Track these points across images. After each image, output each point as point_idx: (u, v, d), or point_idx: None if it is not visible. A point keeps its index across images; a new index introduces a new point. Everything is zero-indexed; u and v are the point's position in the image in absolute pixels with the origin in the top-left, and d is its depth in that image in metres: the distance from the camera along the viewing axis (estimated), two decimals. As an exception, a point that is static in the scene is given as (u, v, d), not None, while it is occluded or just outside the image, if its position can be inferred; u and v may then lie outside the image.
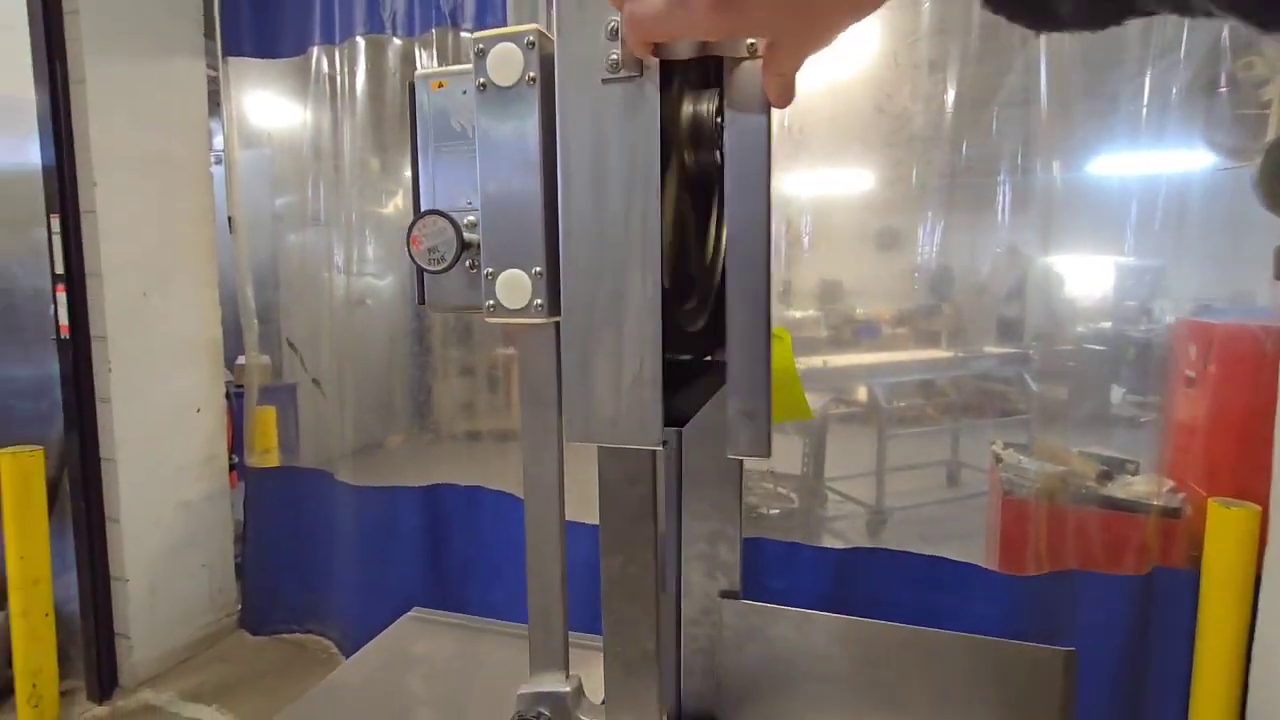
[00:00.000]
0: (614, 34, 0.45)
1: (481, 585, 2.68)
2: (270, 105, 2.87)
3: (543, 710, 0.56)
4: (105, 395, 2.55)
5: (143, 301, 2.62)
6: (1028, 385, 2.23)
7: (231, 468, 3.09)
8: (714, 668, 1.06)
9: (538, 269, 0.51)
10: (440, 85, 0.56)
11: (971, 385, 2.41)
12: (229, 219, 2.88)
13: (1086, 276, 2.14)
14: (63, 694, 2.50)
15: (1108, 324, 2.09)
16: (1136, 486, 2.14)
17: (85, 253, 2.44)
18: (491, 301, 0.52)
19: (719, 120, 0.66)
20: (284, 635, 3.01)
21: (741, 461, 1.01)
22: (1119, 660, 1.94)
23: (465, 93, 0.54)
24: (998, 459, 2.35)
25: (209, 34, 2.79)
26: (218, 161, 2.98)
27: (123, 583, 2.63)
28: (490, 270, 0.52)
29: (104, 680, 2.62)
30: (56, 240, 2.37)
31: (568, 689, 0.57)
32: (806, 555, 2.16)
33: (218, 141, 3.04)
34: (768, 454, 0.49)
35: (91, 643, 2.58)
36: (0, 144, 2.56)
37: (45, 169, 2.37)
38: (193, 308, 2.83)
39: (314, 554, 2.90)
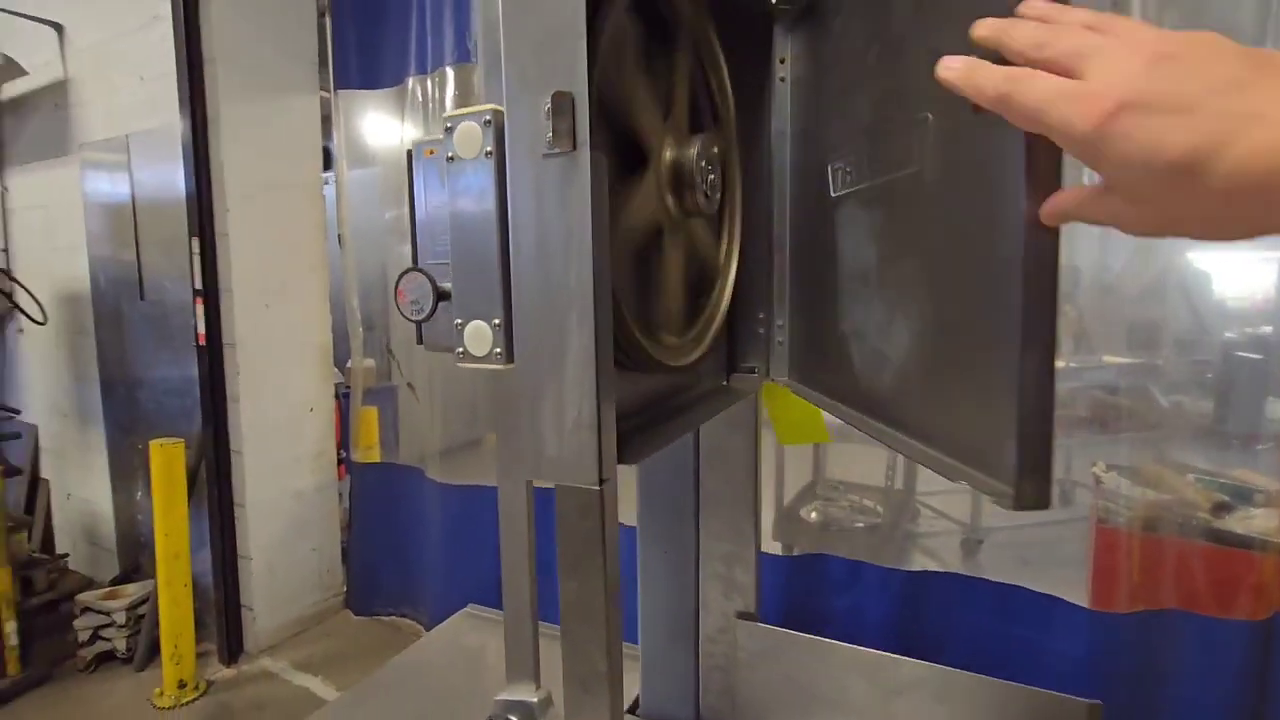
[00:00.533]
0: (547, 114, 0.50)
1: (554, 578, 2.80)
2: (374, 130, 3.14)
3: (511, 717, 0.62)
4: (235, 395, 2.89)
5: (265, 312, 2.94)
6: (1156, 399, 2.02)
7: (339, 461, 3.41)
8: (731, 685, 1.08)
9: (496, 320, 0.56)
10: (431, 152, 0.63)
11: (1092, 397, 2.22)
12: (339, 236, 3.18)
13: (1242, 274, 1.86)
14: (199, 655, 2.86)
15: (1268, 329, 1.82)
16: (1259, 521, 1.91)
17: (219, 270, 2.79)
18: (461, 349, 0.58)
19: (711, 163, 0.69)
20: (382, 617, 3.27)
21: (757, 486, 1.03)
22: (1228, 713, 1.75)
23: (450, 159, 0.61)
24: (1097, 481, 2.17)
25: (322, 70, 3.09)
26: (328, 183, 3.29)
27: (247, 560, 2.98)
28: (459, 321, 0.58)
29: (232, 646, 2.97)
30: (196, 260, 2.71)
31: (535, 699, 0.63)
32: (871, 575, 2.10)
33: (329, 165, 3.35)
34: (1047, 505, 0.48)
35: (222, 612, 2.94)
36: (159, 173, 2.96)
37: (188, 197, 2.73)
38: (307, 316, 3.15)
39: (407, 544, 3.15)
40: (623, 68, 0.65)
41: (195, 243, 2.71)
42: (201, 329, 2.77)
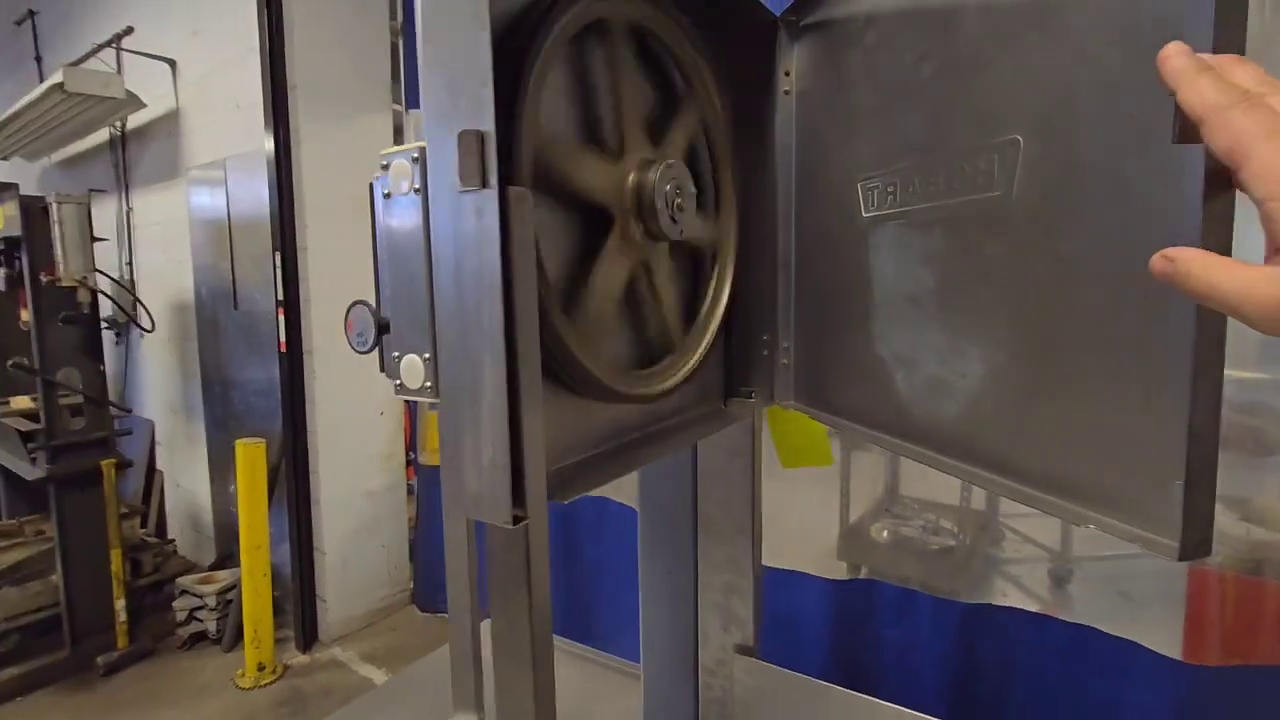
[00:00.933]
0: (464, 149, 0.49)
1: (609, 585, 2.81)
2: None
3: (452, 746, 0.62)
4: (312, 398, 3.09)
5: (340, 321, 3.12)
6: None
7: (408, 463, 3.57)
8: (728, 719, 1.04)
9: (427, 355, 0.57)
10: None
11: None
12: (409, 248, 3.33)
13: None
14: (278, 640, 3.07)
15: None
16: (1391, 569, 1.66)
17: (299, 281, 2.99)
18: (398, 380, 0.59)
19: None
20: (445, 614, 3.40)
21: (757, 514, 0.99)
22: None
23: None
24: (1195, 514, 1.95)
25: (395, 86, 3.26)
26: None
27: (322, 554, 3.17)
28: (396, 354, 0.59)
29: (307, 633, 3.17)
30: (278, 272, 2.92)
31: (476, 730, 0.63)
32: (925, 605, 1.98)
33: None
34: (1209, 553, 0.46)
35: (298, 601, 3.14)
36: (251, 192, 3.21)
37: (271, 214, 2.94)
38: (379, 325, 3.32)
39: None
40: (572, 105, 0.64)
41: (277, 256, 2.92)
42: (283, 337, 2.97)
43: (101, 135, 4.04)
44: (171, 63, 3.56)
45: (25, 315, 2.81)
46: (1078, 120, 0.54)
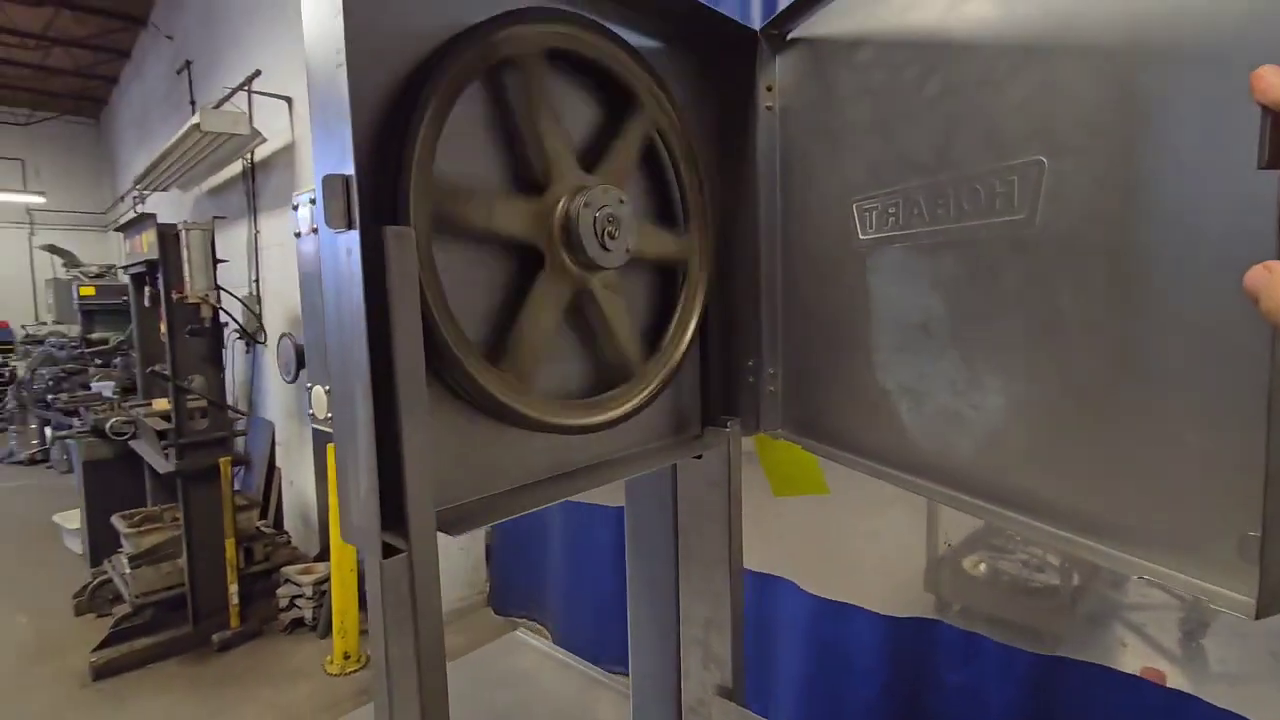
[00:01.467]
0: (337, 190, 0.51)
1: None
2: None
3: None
4: (397, 406, 3.29)
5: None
6: None
7: (486, 470, 3.72)
8: (712, 763, 0.99)
9: (328, 388, 0.59)
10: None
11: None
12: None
13: None
14: (363, 631, 3.29)
15: None
16: None
17: (387, 297, 3.20)
18: (310, 410, 0.61)
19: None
20: (515, 619, 3.50)
21: (735, 548, 0.94)
22: None
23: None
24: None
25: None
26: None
27: (404, 553, 3.36)
28: (309, 385, 0.61)
29: (390, 627, 3.37)
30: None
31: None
32: (990, 651, 1.80)
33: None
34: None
35: (382, 596, 3.35)
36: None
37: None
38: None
39: (538, 554, 3.33)
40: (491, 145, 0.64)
41: (368, 275, 3.15)
42: (371, 349, 3.19)
43: (236, 167, 4.55)
44: (289, 100, 3.95)
45: (163, 328, 3.20)
46: (1109, 140, 0.51)
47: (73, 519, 4.41)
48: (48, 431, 6.37)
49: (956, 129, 0.68)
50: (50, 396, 5.92)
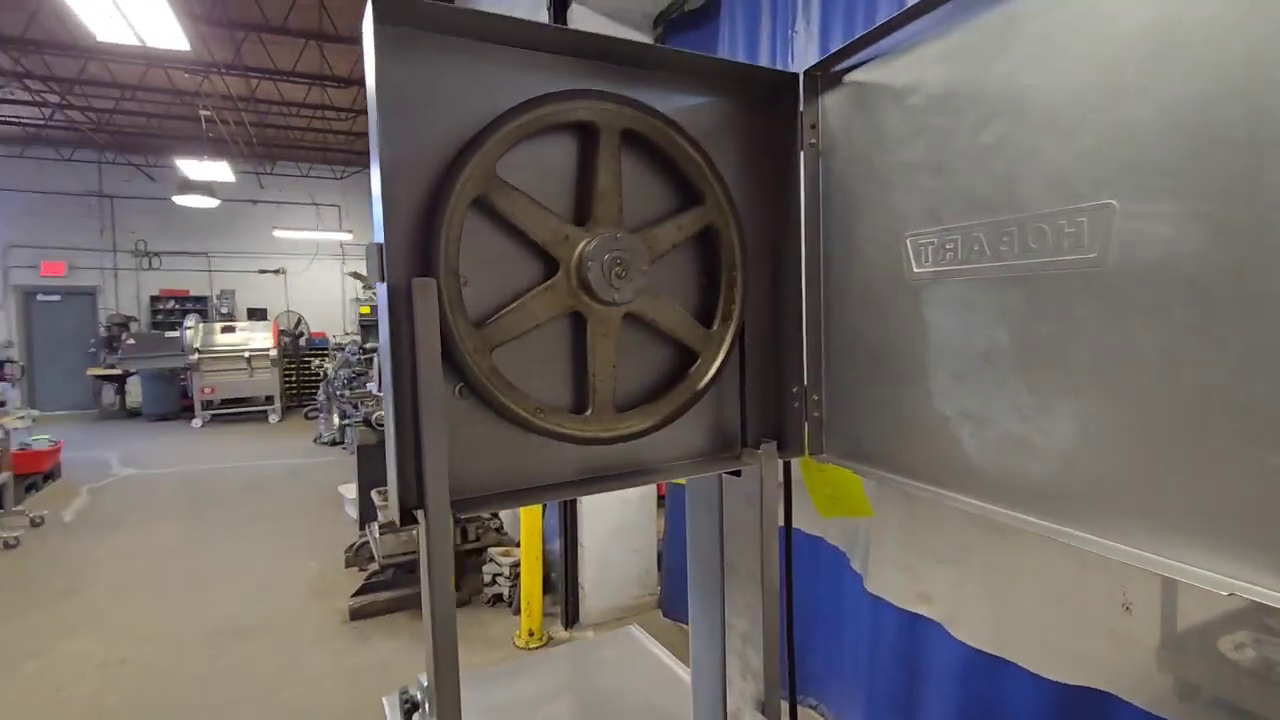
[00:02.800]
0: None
1: (824, 624, 2.72)
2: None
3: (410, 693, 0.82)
4: (581, 414, 3.65)
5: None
6: None
7: (659, 478, 3.93)
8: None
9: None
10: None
11: None
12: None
13: None
14: (549, 614, 3.69)
15: None
16: None
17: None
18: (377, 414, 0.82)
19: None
20: (683, 624, 3.64)
21: (767, 572, 0.98)
22: None
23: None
24: None
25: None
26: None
27: (583, 548, 3.70)
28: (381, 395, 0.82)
29: (569, 613, 3.73)
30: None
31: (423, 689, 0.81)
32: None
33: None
34: None
35: (564, 584, 3.72)
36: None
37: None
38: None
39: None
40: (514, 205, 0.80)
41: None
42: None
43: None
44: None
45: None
46: (1187, 181, 0.53)
47: (351, 490, 5.53)
48: (335, 419, 8.06)
49: (1020, 172, 0.70)
50: (343, 392, 7.49)
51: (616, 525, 3.75)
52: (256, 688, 3.25)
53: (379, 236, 0.70)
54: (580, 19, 3.43)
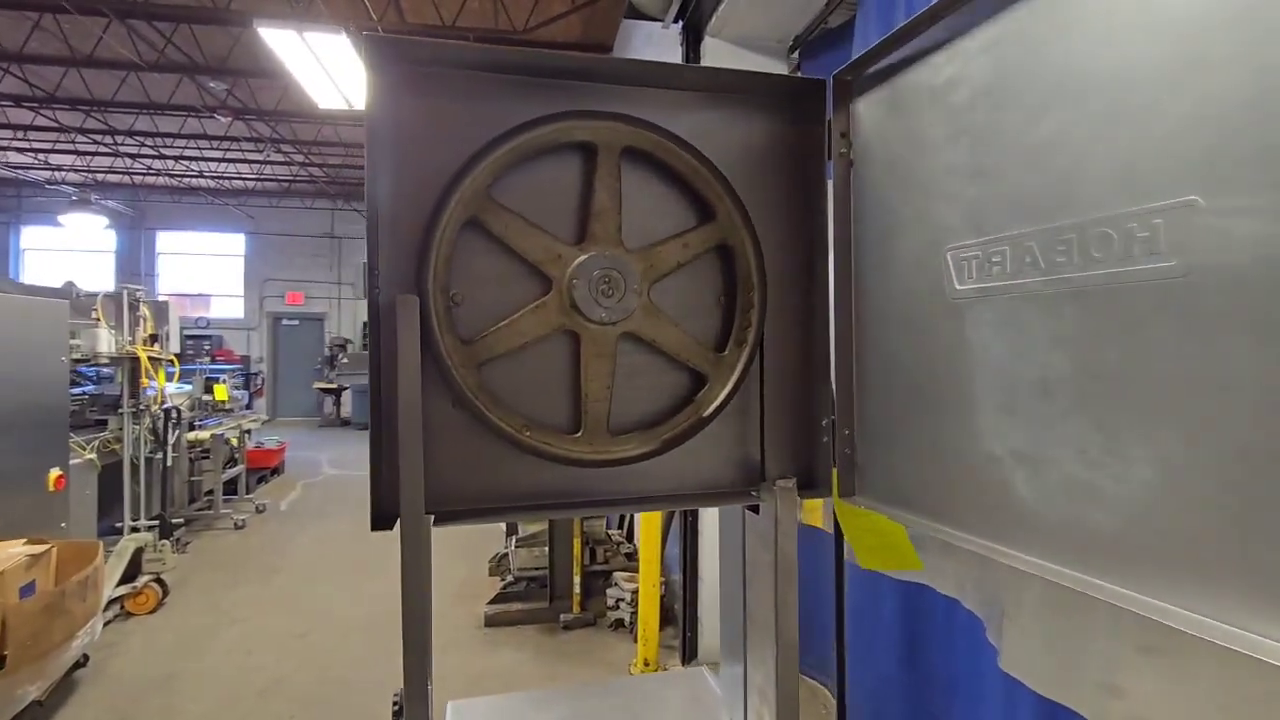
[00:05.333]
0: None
1: (963, 702, 2.39)
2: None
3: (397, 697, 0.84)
4: (705, 443, 3.60)
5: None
6: None
7: (787, 516, 3.74)
8: None
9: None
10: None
11: None
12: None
13: None
14: (667, 646, 3.64)
15: None
16: None
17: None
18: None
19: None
20: (804, 675, 3.40)
21: (783, 625, 0.89)
22: None
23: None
24: None
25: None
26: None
27: (701, 582, 3.61)
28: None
29: (688, 647, 3.65)
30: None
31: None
32: None
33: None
34: None
35: (683, 617, 3.65)
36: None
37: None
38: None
39: (821, 609, 3.20)
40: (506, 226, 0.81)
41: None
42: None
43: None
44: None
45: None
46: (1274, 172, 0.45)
47: (501, 504, 5.93)
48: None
49: (1079, 170, 0.61)
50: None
51: (738, 561, 3.61)
52: (396, 675, 3.56)
53: (368, 257, 0.76)
54: (714, 51, 3.47)
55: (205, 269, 14.40)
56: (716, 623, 3.58)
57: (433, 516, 0.76)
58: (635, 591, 3.94)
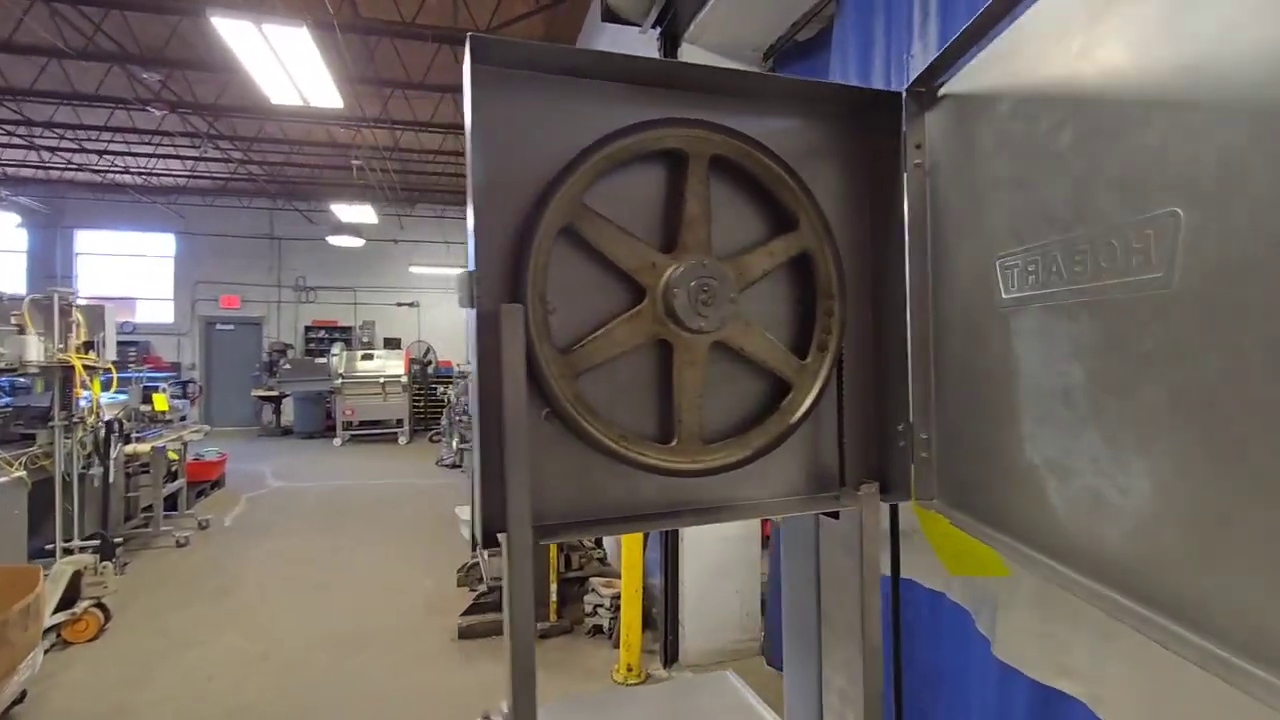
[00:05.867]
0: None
1: (949, 692, 2.47)
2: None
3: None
4: (685, 447, 3.62)
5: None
6: None
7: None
8: None
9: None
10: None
11: None
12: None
13: None
14: (649, 651, 3.62)
15: None
16: None
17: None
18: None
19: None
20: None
21: (869, 626, 0.90)
22: None
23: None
24: None
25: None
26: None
27: (684, 586, 3.62)
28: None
29: (669, 651, 3.65)
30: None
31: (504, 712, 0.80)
32: None
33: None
34: None
35: (664, 621, 3.65)
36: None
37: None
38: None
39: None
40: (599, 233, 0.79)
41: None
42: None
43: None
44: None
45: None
46: (1257, 187, 0.45)
47: (466, 512, 5.78)
48: (454, 443, 8.51)
49: (1091, 181, 0.62)
50: (462, 417, 7.91)
51: (717, 564, 3.64)
52: (369, 694, 3.42)
53: (471, 264, 0.73)
54: (690, 57, 3.49)
55: (130, 271, 13.55)
56: (698, 627, 3.59)
57: (533, 532, 0.74)
58: (614, 597, 3.91)
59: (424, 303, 14.46)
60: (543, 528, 0.78)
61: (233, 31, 3.87)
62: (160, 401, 6.00)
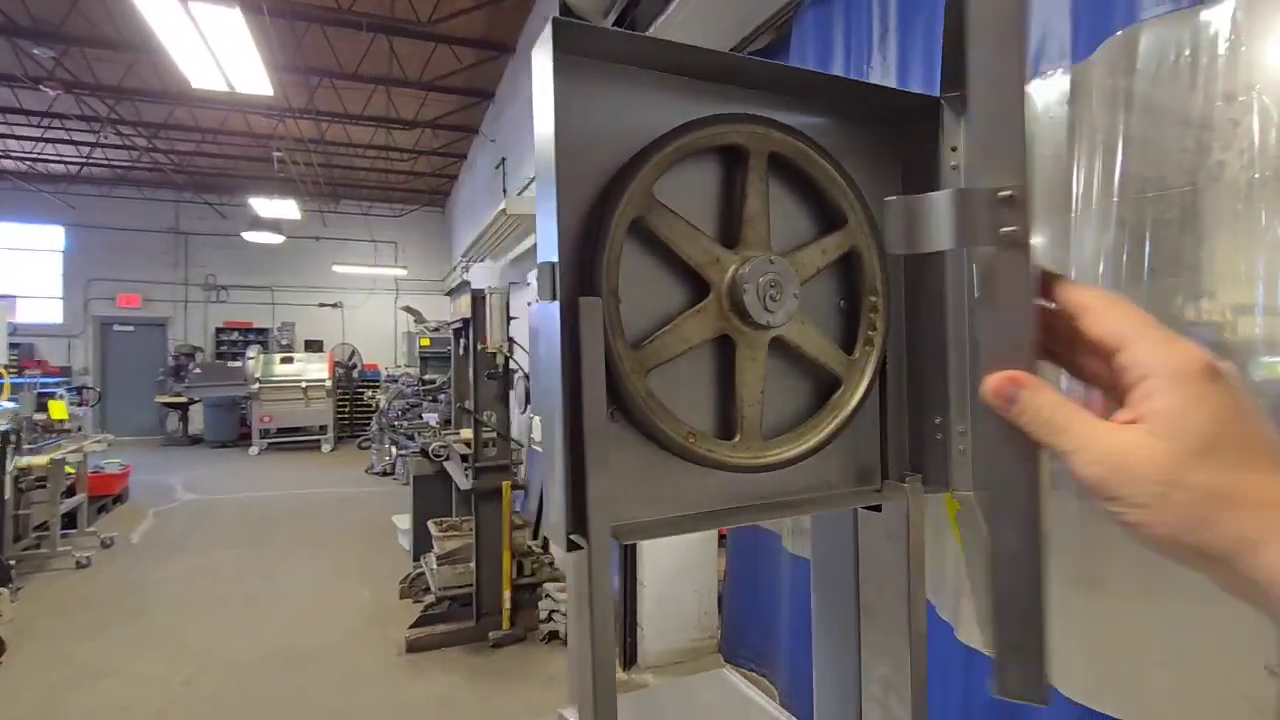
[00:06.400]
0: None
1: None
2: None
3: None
4: (643, 448, 3.62)
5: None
6: None
7: (720, 516, 3.85)
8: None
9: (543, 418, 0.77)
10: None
11: None
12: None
13: None
14: (606, 654, 3.60)
15: None
16: None
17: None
18: (533, 434, 0.80)
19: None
20: (743, 669, 3.50)
21: (914, 613, 0.93)
22: None
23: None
24: None
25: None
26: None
27: (642, 586, 3.62)
28: (531, 414, 0.80)
29: (627, 654, 3.63)
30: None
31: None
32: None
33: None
34: (1043, 701, 0.44)
35: (622, 624, 3.63)
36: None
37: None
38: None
39: (768, 606, 3.33)
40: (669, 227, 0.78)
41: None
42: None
43: (530, 240, 5.50)
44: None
45: (470, 373, 3.99)
46: None
47: (405, 521, 5.57)
48: (393, 450, 8.16)
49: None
50: (397, 423, 7.61)
51: (678, 565, 3.66)
52: (313, 716, 3.23)
53: (550, 256, 0.70)
54: (650, 60, 3.51)
55: (9, 266, 12.28)
56: (657, 628, 3.60)
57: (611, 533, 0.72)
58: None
59: (348, 303, 13.82)
60: (618, 528, 0.75)
61: (153, 9, 3.58)
62: (58, 409, 5.46)
